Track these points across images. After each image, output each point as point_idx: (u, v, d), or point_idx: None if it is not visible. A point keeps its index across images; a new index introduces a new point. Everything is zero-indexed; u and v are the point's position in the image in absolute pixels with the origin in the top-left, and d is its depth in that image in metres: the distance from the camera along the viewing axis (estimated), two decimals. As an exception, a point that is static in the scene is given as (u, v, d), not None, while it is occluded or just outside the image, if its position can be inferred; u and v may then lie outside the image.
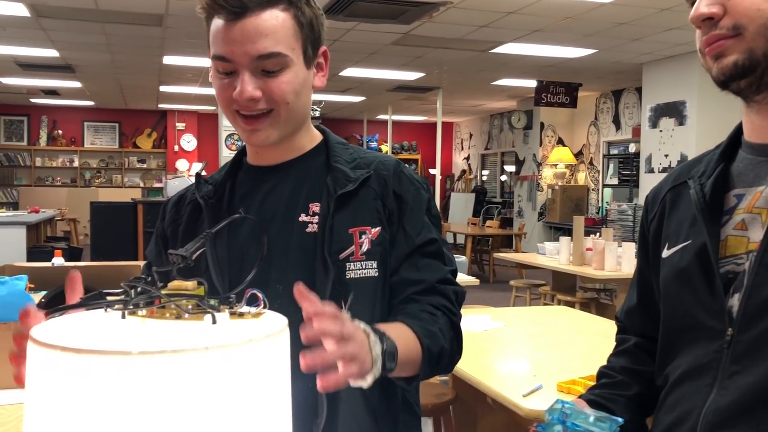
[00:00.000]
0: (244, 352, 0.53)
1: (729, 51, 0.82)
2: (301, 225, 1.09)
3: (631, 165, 9.60)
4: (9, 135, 13.73)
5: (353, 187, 1.08)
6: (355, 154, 1.16)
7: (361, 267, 1.06)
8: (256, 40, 1.00)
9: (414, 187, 1.14)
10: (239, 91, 1.01)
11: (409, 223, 1.11)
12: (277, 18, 1.01)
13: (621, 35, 6.89)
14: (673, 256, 0.94)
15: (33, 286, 2.53)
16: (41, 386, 0.52)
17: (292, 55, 1.03)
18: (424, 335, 1.00)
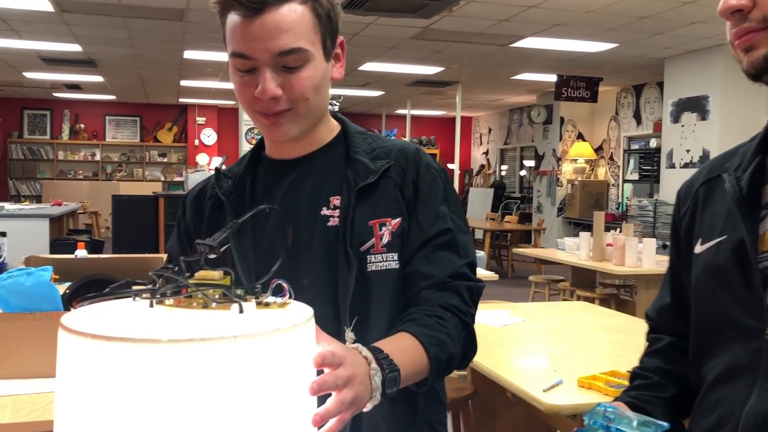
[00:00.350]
0: (271, 341, 0.54)
1: (759, 44, 0.80)
2: (323, 219, 1.08)
3: (651, 160, 9.51)
4: (32, 129, 13.91)
5: (374, 179, 1.08)
6: (374, 144, 1.14)
7: (382, 259, 1.06)
8: (277, 36, 0.97)
9: (431, 175, 1.12)
10: (261, 89, 1.00)
11: (423, 213, 1.09)
12: (296, 12, 0.99)
13: (643, 29, 6.82)
14: (707, 252, 0.91)
15: (57, 278, 2.56)
16: (72, 373, 0.53)
17: (312, 49, 1.01)
18: (431, 344, 0.98)
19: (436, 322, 1.02)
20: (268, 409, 0.54)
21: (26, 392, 1.54)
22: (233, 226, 0.75)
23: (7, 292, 1.66)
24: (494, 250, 10.14)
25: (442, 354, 1.00)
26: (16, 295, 1.66)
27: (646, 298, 4.78)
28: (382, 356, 0.88)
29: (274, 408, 0.54)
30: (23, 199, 12.20)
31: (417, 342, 0.97)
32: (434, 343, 0.99)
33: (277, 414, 0.55)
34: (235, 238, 1.08)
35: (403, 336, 0.98)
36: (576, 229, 9.88)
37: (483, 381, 2.38)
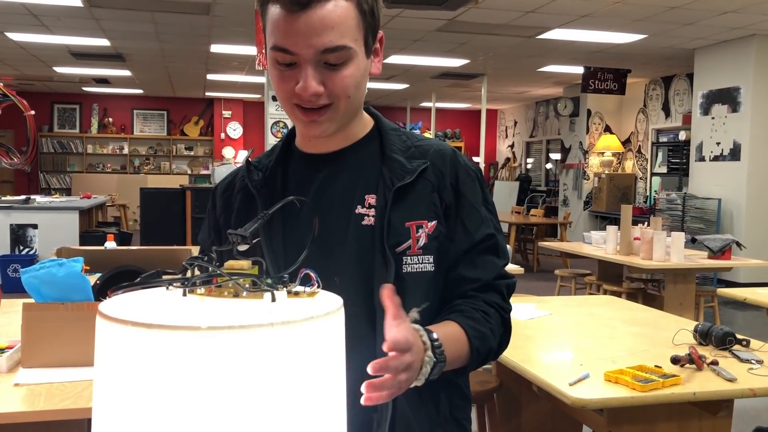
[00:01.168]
0: (305, 329, 0.54)
1: None
2: (357, 217, 1.08)
3: (680, 153, 9.39)
4: (62, 123, 14.14)
5: (411, 179, 1.07)
6: (409, 142, 1.14)
7: (418, 261, 1.06)
8: (322, 32, 0.95)
9: (470, 178, 1.13)
10: (303, 86, 0.98)
11: (469, 218, 1.11)
12: (341, 8, 0.97)
13: (672, 20, 6.71)
14: None
15: (87, 269, 2.61)
16: (112, 360, 0.54)
17: (355, 46, 1.00)
18: (475, 336, 1.04)
19: (481, 316, 1.07)
20: (302, 395, 0.55)
21: (59, 381, 1.57)
22: (263, 217, 0.76)
23: (40, 282, 1.69)
24: (520, 243, 10.09)
25: (483, 347, 1.06)
26: (48, 285, 1.69)
27: (674, 293, 4.72)
28: (437, 345, 0.93)
29: (308, 393, 0.55)
30: (53, 192, 12.42)
31: (463, 333, 1.03)
32: (478, 336, 1.04)
33: (310, 399, 0.55)
34: (265, 231, 1.08)
35: (452, 325, 1.03)
36: (603, 223, 9.79)
37: (508, 374, 2.38)
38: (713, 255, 4.84)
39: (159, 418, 0.51)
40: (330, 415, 0.58)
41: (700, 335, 2.19)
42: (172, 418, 0.51)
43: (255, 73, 10.27)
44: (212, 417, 0.51)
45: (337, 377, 0.60)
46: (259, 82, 10.69)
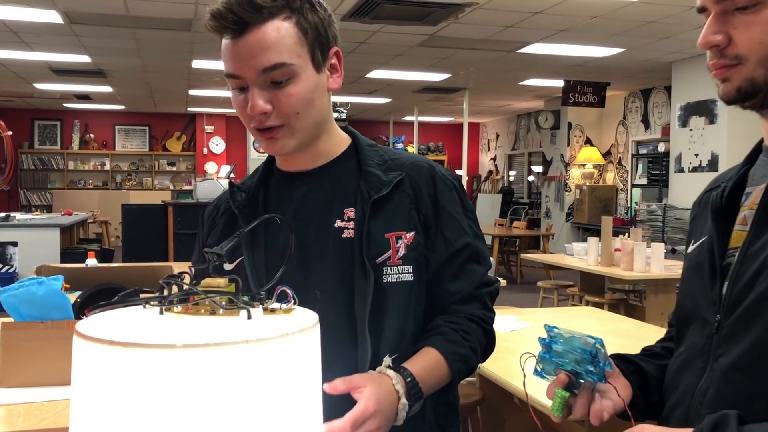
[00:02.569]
0: (280, 346, 0.55)
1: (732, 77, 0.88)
2: (337, 231, 1.10)
3: (660, 165, 9.49)
4: (43, 139, 14.03)
5: (387, 190, 1.10)
6: (385, 156, 1.16)
7: (398, 271, 1.08)
8: (259, 53, 1.01)
9: (448, 188, 1.16)
10: (250, 106, 1.03)
11: (448, 228, 1.13)
12: (278, 29, 1.02)
13: (649, 34, 6.82)
14: (694, 251, 1.01)
15: (68, 286, 2.59)
16: (88, 379, 0.55)
17: (298, 62, 1.03)
18: (455, 360, 1.08)
19: (461, 337, 1.10)
20: (277, 412, 0.55)
21: (38, 400, 1.55)
22: (240, 235, 0.77)
23: (19, 301, 1.68)
24: (503, 255, 10.13)
25: (465, 368, 1.10)
26: (27, 304, 1.68)
27: (656, 303, 4.76)
28: (411, 386, 0.99)
29: (284, 410, 0.56)
30: (34, 209, 12.30)
31: (443, 360, 1.07)
32: (458, 359, 1.08)
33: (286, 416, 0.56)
34: (248, 248, 1.10)
35: (432, 353, 1.07)
36: (585, 234, 9.86)
37: (491, 387, 2.39)
38: (693, 265, 4.89)
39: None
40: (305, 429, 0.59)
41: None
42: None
43: (237, 89, 10.26)
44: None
45: (313, 393, 0.61)
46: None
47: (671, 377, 1.00)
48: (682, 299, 1.02)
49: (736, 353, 0.86)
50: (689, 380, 0.93)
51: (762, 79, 0.86)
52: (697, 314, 0.96)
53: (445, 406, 1.15)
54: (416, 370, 1.01)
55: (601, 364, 0.94)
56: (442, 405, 1.15)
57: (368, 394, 0.92)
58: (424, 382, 1.01)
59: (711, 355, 0.90)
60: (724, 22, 0.87)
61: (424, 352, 1.07)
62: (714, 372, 0.89)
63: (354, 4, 5.73)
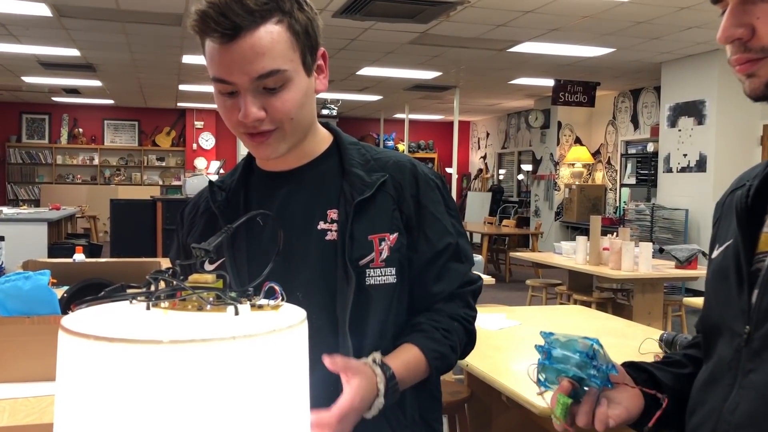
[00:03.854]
0: (267, 342, 0.55)
1: (760, 72, 0.80)
2: (320, 233, 1.09)
3: (649, 164, 9.54)
4: (31, 133, 13.92)
5: (370, 192, 1.09)
6: (368, 155, 1.15)
7: (381, 273, 1.08)
8: (254, 60, 0.97)
9: (431, 187, 1.15)
10: (243, 114, 1.00)
11: (431, 228, 1.13)
12: (271, 33, 0.98)
13: (639, 34, 6.85)
14: (718, 256, 0.94)
15: (55, 281, 2.57)
16: (73, 375, 0.54)
17: (291, 67, 1.01)
18: (434, 357, 1.09)
19: (442, 335, 1.10)
20: (264, 407, 0.55)
21: (23, 395, 1.55)
22: (227, 231, 0.77)
23: (4, 296, 1.67)
24: (492, 254, 10.16)
25: (443, 366, 1.11)
26: (13, 299, 1.67)
27: (643, 302, 4.79)
28: (392, 389, 1.00)
29: (271, 406, 0.56)
30: (21, 203, 12.20)
31: (423, 357, 1.08)
32: (437, 357, 1.09)
33: (273, 412, 0.56)
34: (229, 247, 1.09)
35: (413, 351, 1.08)
36: (573, 233, 9.90)
37: (479, 384, 2.39)
38: (680, 265, 4.93)
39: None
40: (293, 428, 0.59)
41: (665, 344, 2.23)
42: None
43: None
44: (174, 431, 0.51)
45: (300, 390, 0.61)
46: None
47: (696, 393, 0.92)
48: (708, 309, 0.94)
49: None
50: (716, 397, 0.86)
51: None
52: (724, 325, 0.88)
53: (427, 400, 1.16)
54: (397, 369, 1.02)
55: (603, 367, 0.90)
56: (424, 399, 1.15)
57: (356, 388, 0.93)
58: (402, 381, 1.02)
59: (740, 370, 0.83)
60: (744, 12, 0.79)
61: (405, 349, 1.07)
62: (744, 389, 0.82)
63: (345, 1, 5.72)
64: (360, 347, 1.06)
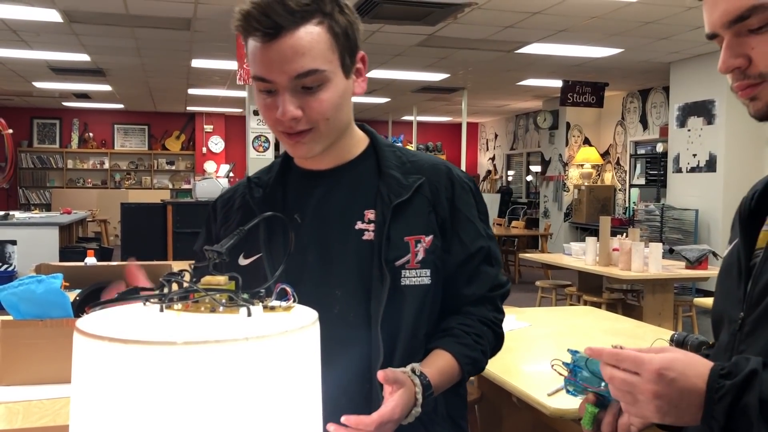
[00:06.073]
0: (280, 342, 0.56)
1: (760, 95, 0.89)
2: (357, 232, 1.12)
3: (658, 165, 9.50)
4: (42, 138, 14.01)
5: (407, 195, 1.11)
6: (404, 157, 1.18)
7: (416, 275, 1.11)
8: (293, 59, 1.00)
9: (465, 191, 1.18)
10: (281, 112, 1.02)
11: (464, 231, 1.16)
12: (311, 34, 1.01)
13: (648, 34, 6.83)
14: (727, 254, 1.03)
15: (68, 285, 2.59)
16: (89, 376, 0.55)
17: (329, 68, 1.03)
18: (466, 363, 1.12)
19: (473, 340, 1.14)
20: (277, 408, 0.56)
21: (37, 398, 1.56)
22: (240, 233, 0.78)
23: (18, 299, 1.68)
24: (501, 255, 10.13)
25: (474, 370, 1.16)
26: (27, 302, 1.68)
27: (653, 303, 4.77)
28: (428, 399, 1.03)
29: (283, 407, 0.57)
30: (33, 207, 12.29)
31: (455, 363, 1.11)
32: (469, 362, 1.13)
33: (285, 412, 0.57)
34: (266, 243, 1.12)
35: (446, 357, 1.11)
36: (583, 234, 9.87)
37: (489, 386, 2.39)
38: (690, 265, 4.91)
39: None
40: (305, 428, 0.60)
41: (676, 344, 2.22)
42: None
43: (236, 88, 10.26)
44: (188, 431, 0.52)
45: (312, 390, 0.62)
46: (240, 96, 10.68)
47: None
48: (716, 301, 1.05)
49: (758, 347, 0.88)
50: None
51: None
52: (725, 313, 0.98)
53: (454, 399, 1.19)
54: (433, 378, 1.05)
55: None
56: (452, 397, 1.18)
57: (398, 400, 0.97)
58: (437, 388, 1.06)
59: (734, 351, 0.92)
60: (740, 44, 0.88)
61: (439, 356, 1.11)
62: None
63: (353, 4, 5.73)
64: (392, 345, 1.09)
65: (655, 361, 0.80)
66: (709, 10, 0.92)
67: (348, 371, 1.07)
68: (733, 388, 0.79)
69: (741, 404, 0.78)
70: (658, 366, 0.80)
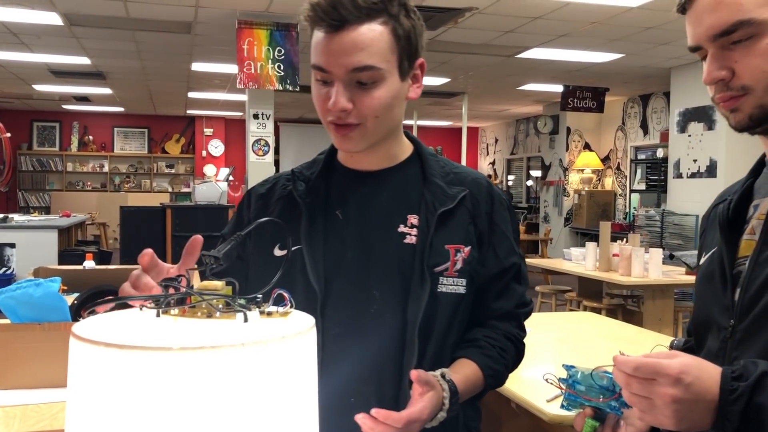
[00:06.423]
0: (277, 348, 0.55)
1: (742, 107, 0.92)
2: (399, 235, 1.14)
3: (659, 170, 9.51)
4: (41, 140, 14.02)
5: (452, 204, 1.14)
6: (447, 168, 1.21)
7: (453, 283, 1.13)
8: (352, 53, 1.03)
9: (503, 207, 1.21)
10: (333, 102, 1.05)
11: (500, 246, 1.19)
12: (374, 31, 1.04)
13: (648, 39, 6.84)
14: (705, 262, 1.06)
15: (66, 288, 2.59)
16: (84, 381, 0.55)
17: (386, 67, 1.06)
18: (490, 375, 1.15)
19: (498, 353, 1.17)
20: (273, 415, 0.55)
21: (34, 402, 1.55)
22: (237, 238, 0.77)
23: (16, 302, 1.68)
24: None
25: (496, 383, 1.18)
26: (25, 305, 1.68)
27: (653, 309, 4.77)
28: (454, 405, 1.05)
29: (280, 413, 0.56)
30: (32, 210, 12.29)
31: (480, 374, 1.14)
32: (492, 374, 1.15)
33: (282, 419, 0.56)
34: (307, 240, 1.13)
35: (472, 367, 1.13)
36: (583, 239, 9.87)
37: (488, 391, 2.38)
38: (691, 271, 4.90)
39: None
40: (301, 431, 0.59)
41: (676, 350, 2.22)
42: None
43: (236, 91, 10.27)
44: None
45: (309, 397, 0.61)
46: (240, 100, 10.69)
47: None
48: (698, 308, 1.07)
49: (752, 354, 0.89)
50: None
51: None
52: (711, 320, 1.00)
53: (471, 409, 1.22)
54: (460, 385, 1.07)
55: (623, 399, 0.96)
56: (470, 410, 1.21)
57: (427, 402, 0.99)
58: (462, 397, 1.08)
59: (727, 357, 0.94)
60: (723, 57, 0.92)
61: (465, 364, 1.13)
62: None
63: (354, 8, 5.75)
64: (423, 349, 1.11)
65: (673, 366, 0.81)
66: (693, 24, 0.97)
67: (380, 371, 1.10)
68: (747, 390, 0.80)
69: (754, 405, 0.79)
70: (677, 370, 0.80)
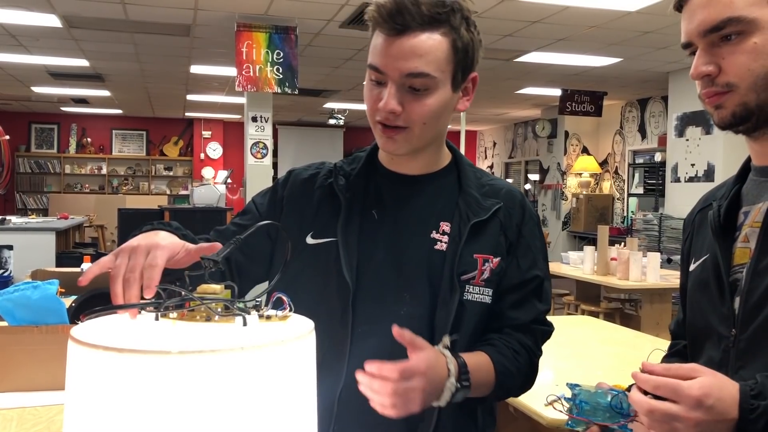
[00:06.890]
0: (276, 352, 0.55)
1: (726, 104, 0.94)
2: (431, 241, 1.15)
3: (656, 174, 9.51)
4: (39, 142, 14.00)
5: (486, 216, 1.16)
6: (482, 179, 1.23)
7: (479, 292, 1.14)
8: (410, 58, 1.05)
9: (533, 222, 1.23)
10: (384, 102, 1.07)
11: (524, 257, 1.20)
12: (433, 40, 1.06)
13: (647, 44, 6.85)
14: (697, 269, 1.06)
15: (63, 291, 2.58)
16: (83, 384, 0.55)
17: (440, 77, 1.08)
18: (501, 371, 1.13)
19: (512, 354, 1.16)
20: (272, 418, 0.55)
21: (31, 405, 1.55)
22: (235, 242, 0.78)
23: (13, 305, 1.68)
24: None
25: (507, 382, 1.16)
26: (22, 308, 1.68)
27: (651, 313, 4.77)
28: (464, 372, 1.05)
29: (278, 416, 0.56)
30: (30, 212, 12.26)
31: (491, 366, 1.13)
32: (504, 372, 1.14)
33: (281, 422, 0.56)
34: (342, 233, 1.14)
35: (484, 357, 1.13)
36: (581, 243, 9.87)
37: (486, 395, 2.38)
38: (688, 275, 4.90)
39: (129, 443, 0.52)
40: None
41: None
42: (142, 442, 0.51)
43: (235, 94, 10.27)
44: (182, 441, 0.51)
45: (307, 400, 0.61)
46: (239, 102, 10.68)
47: None
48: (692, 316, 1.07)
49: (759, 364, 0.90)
50: None
51: (753, 103, 0.93)
52: (710, 329, 1.00)
53: (488, 415, 1.23)
54: (468, 361, 1.07)
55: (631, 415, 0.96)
56: (486, 414, 1.22)
57: (423, 356, 0.98)
58: (473, 374, 1.06)
59: (730, 367, 0.94)
60: (712, 53, 0.94)
61: (476, 353, 1.13)
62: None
63: (353, 12, 5.75)
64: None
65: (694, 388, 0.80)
66: (687, 20, 0.99)
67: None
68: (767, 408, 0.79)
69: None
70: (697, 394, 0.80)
